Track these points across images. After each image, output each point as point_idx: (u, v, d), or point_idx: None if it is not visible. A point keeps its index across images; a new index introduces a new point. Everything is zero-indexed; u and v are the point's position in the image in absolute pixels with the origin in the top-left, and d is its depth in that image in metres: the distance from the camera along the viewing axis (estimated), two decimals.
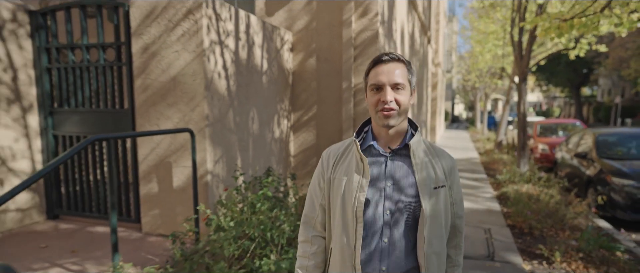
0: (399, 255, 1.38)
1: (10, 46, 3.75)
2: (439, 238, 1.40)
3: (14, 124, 3.83)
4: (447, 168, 1.45)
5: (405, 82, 1.37)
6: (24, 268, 2.96)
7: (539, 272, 4.20)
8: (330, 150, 1.54)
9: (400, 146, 1.42)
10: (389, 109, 1.34)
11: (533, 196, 6.64)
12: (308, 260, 1.53)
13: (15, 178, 3.85)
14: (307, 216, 1.56)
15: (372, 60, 1.42)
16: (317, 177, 1.54)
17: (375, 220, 1.39)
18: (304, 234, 1.55)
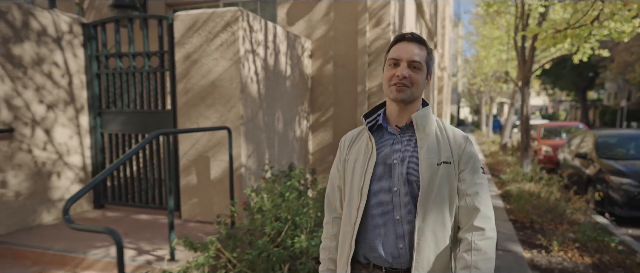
0: (414, 232, 1.38)
1: (66, 54, 4.25)
2: (436, 215, 1.37)
3: (69, 123, 4.32)
4: (456, 145, 1.42)
5: (423, 63, 1.39)
6: (88, 246, 3.44)
7: (538, 259, 4.62)
8: (347, 135, 1.61)
9: (408, 123, 1.45)
10: (402, 84, 1.36)
11: (534, 193, 7.06)
12: (330, 241, 1.60)
13: (69, 170, 4.34)
14: (328, 199, 1.63)
15: (395, 37, 1.45)
16: (336, 160, 1.62)
17: (383, 197, 1.41)
18: (327, 216, 1.63)
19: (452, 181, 1.39)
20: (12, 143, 3.78)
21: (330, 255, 1.59)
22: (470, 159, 1.42)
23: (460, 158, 1.41)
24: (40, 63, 3.99)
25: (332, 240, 1.58)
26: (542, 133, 13.81)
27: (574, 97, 39.43)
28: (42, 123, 4.05)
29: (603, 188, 6.93)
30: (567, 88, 36.56)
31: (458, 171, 1.40)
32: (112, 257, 3.22)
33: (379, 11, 5.21)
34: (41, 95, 4.02)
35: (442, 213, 1.37)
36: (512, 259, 4.55)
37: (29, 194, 3.95)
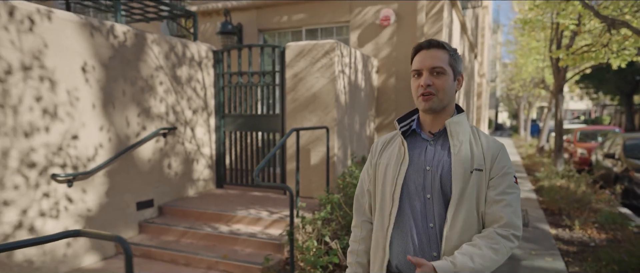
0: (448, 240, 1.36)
1: (203, 73, 5.84)
2: (465, 223, 1.35)
3: (204, 124, 5.91)
4: (490, 153, 1.40)
5: (446, 66, 1.37)
6: (232, 208, 4.96)
7: (562, 234, 5.80)
8: (380, 139, 1.61)
9: (441, 130, 1.43)
10: (428, 93, 1.36)
11: (564, 187, 8.14)
12: (358, 244, 1.59)
13: (203, 158, 5.92)
14: (358, 202, 1.62)
15: (415, 47, 1.44)
16: (367, 164, 1.61)
17: (418, 203, 1.39)
18: (355, 220, 1.63)
19: (481, 189, 1.37)
20: (174, 138, 5.38)
21: (358, 259, 1.58)
22: (503, 168, 1.39)
23: (492, 165, 1.39)
24: (190, 80, 5.59)
25: (359, 244, 1.58)
26: (578, 136, 14.59)
27: (619, 101, 38.83)
28: (189, 123, 5.64)
29: (628, 184, 7.92)
30: (611, 92, 36.10)
31: (488, 178, 1.38)
32: (254, 215, 4.72)
33: (433, 36, 6.55)
34: (189, 103, 5.61)
35: (469, 221, 1.35)
36: (540, 234, 5.75)
37: (181, 174, 5.55)
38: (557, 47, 9.48)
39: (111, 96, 4.48)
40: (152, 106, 5.00)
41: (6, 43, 3.51)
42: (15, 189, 3.63)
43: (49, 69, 3.85)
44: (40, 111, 3.80)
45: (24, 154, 3.68)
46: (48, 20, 3.83)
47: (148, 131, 4.96)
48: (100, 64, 4.34)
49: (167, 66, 5.19)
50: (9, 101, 3.55)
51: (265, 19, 7.72)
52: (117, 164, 4.59)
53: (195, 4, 8.22)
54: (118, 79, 4.55)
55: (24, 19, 3.63)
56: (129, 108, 4.70)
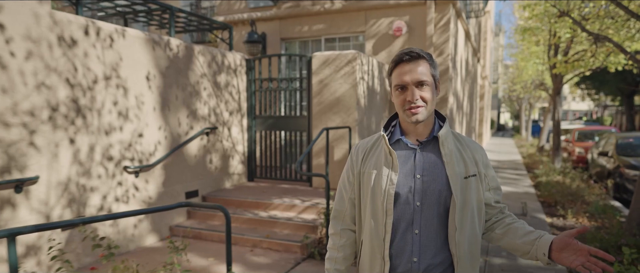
0: (431, 246, 1.40)
1: (238, 79, 6.60)
2: (471, 226, 1.41)
3: (238, 124, 6.66)
4: (478, 158, 1.47)
5: (429, 78, 1.38)
6: (268, 197, 5.70)
7: (556, 222, 6.52)
8: (359, 145, 1.57)
9: (429, 138, 1.45)
10: (416, 107, 1.36)
11: (560, 182, 8.87)
12: (337, 252, 1.58)
13: (237, 155, 6.67)
14: (337, 211, 1.60)
15: (393, 59, 1.43)
16: (347, 172, 1.58)
17: (405, 211, 1.41)
18: (334, 227, 1.60)
19: (480, 193, 1.44)
20: (214, 136, 6.14)
21: (336, 266, 1.58)
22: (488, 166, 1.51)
23: (486, 169, 1.49)
24: (227, 86, 6.35)
25: (338, 251, 1.58)
26: (576, 136, 15.30)
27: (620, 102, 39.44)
28: (226, 124, 6.39)
29: (619, 179, 8.64)
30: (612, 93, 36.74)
31: (485, 182, 1.48)
32: (288, 202, 5.47)
33: (441, 45, 7.29)
34: (226, 106, 6.37)
35: (474, 223, 1.42)
36: (537, 222, 6.48)
37: (220, 168, 6.30)
38: (554, 53, 10.21)
39: (167, 100, 5.24)
40: (198, 108, 5.76)
41: (94, 58, 4.27)
42: (98, 178, 4.39)
43: (123, 78, 4.61)
44: (116, 114, 4.56)
45: (104, 149, 4.44)
46: (123, 38, 4.59)
47: (195, 131, 5.71)
48: (159, 73, 5.10)
49: (209, 73, 5.95)
50: (95, 105, 4.31)
51: (287, 28, 8.48)
52: (171, 159, 5.35)
53: (222, 14, 8.98)
54: (172, 86, 5.31)
55: (106, 38, 4.39)
56: (180, 110, 5.46)
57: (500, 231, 1.50)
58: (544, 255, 1.32)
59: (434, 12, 7.33)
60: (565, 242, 1.28)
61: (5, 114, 3.52)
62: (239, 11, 8.86)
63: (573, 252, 1.27)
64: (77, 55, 4.10)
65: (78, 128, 4.15)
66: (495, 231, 1.51)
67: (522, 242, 1.41)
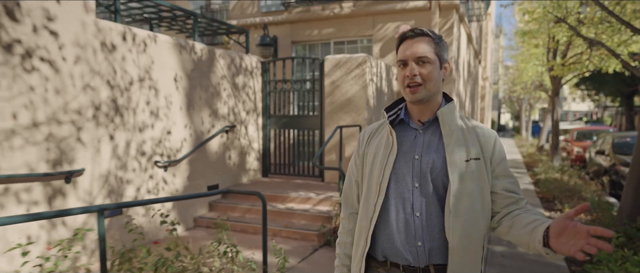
0: (434, 230, 1.35)
1: (253, 81, 7.01)
2: (468, 212, 1.33)
3: (253, 123, 7.07)
4: (483, 139, 1.40)
5: (432, 55, 1.35)
6: (284, 190, 6.11)
7: (553, 216, 6.92)
8: (367, 128, 1.57)
9: (432, 119, 1.41)
10: (414, 83, 1.33)
11: (558, 179, 9.27)
12: (346, 236, 1.58)
13: (253, 151, 7.08)
14: (346, 194, 1.60)
15: (399, 36, 1.41)
16: (354, 154, 1.58)
17: (404, 193, 1.37)
18: (343, 211, 1.61)
19: (483, 178, 1.36)
20: (233, 134, 6.55)
21: (345, 251, 1.57)
22: (503, 159, 1.41)
23: (492, 155, 1.40)
24: (244, 87, 6.76)
25: (347, 236, 1.58)
26: (575, 136, 15.71)
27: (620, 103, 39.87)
28: (244, 122, 6.80)
29: (615, 176, 9.04)
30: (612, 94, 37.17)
31: (491, 169, 1.39)
32: (303, 196, 5.88)
33: None
34: (244, 106, 6.78)
35: (473, 210, 1.33)
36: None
37: (237, 164, 6.71)
38: (553, 56, 10.62)
39: (192, 100, 5.65)
40: (218, 108, 6.17)
41: (130, 61, 4.68)
42: (133, 171, 4.80)
43: (154, 80, 5.02)
44: (149, 113, 4.97)
45: (138, 145, 4.85)
46: (154, 43, 5.00)
47: (216, 129, 6.12)
48: (185, 75, 5.52)
49: (228, 75, 6.36)
50: (130, 105, 4.72)
51: (297, 32, 8.89)
52: (195, 155, 5.75)
53: (235, 18, 9.40)
54: (196, 87, 5.72)
55: (140, 43, 4.81)
56: (203, 110, 5.87)
57: (507, 225, 1.37)
58: (539, 243, 1.18)
59: (439, 17, 7.74)
60: (563, 225, 1.13)
61: (58, 113, 3.93)
62: (251, 15, 9.27)
63: (572, 235, 1.11)
64: (116, 59, 4.51)
65: (116, 126, 4.56)
66: (503, 225, 1.38)
67: (523, 233, 1.28)
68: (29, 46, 3.69)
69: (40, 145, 3.81)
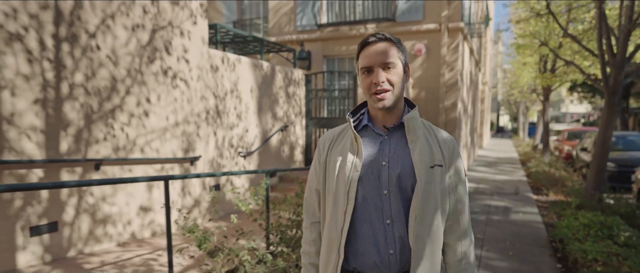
0: (405, 237, 1.33)
1: (299, 90, 8.74)
2: (432, 218, 1.33)
3: (299, 123, 8.80)
4: (446, 148, 1.41)
5: (396, 60, 1.34)
6: None
7: (540, 198, 8.64)
8: (327, 134, 1.53)
9: (397, 125, 1.39)
10: (382, 90, 1.31)
11: (547, 171, 11.00)
12: (309, 246, 1.54)
13: (298, 147, 8.80)
14: (306, 203, 1.56)
15: (360, 42, 1.38)
16: (314, 162, 1.53)
17: (374, 200, 1.35)
18: (306, 220, 1.57)
19: (444, 185, 1.38)
20: (286, 132, 8.27)
21: (310, 260, 1.54)
22: (459, 163, 1.43)
23: (451, 161, 1.41)
24: (293, 94, 8.49)
25: (311, 245, 1.54)
26: (566, 136, 17.46)
27: None
28: (293, 123, 8.53)
29: None
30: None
31: (448, 175, 1.40)
32: None
33: (452, 62, 9.45)
34: (293, 110, 8.51)
35: (436, 217, 1.35)
36: (526, 198, 8.62)
37: (288, 156, 8.44)
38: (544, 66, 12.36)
39: (260, 106, 7.37)
40: (277, 111, 7.90)
41: (226, 78, 6.41)
42: (225, 158, 6.52)
43: (239, 91, 6.75)
44: (235, 116, 6.70)
45: (229, 140, 6.57)
46: (239, 63, 6.73)
47: (275, 128, 7.85)
48: (257, 87, 7.24)
49: (283, 86, 8.10)
50: (225, 110, 6.44)
51: (328, 48, 10.63)
52: (262, 148, 7.48)
53: (274, 35, 11.14)
54: (263, 96, 7.45)
55: (232, 64, 6.53)
56: (267, 113, 7.60)
57: None
58: None
59: (447, 38, 9.48)
60: None
61: (188, 116, 5.66)
62: (288, 33, 11.01)
63: None
64: (218, 76, 6.24)
65: (218, 125, 6.28)
66: None
67: None
68: (175, 70, 5.42)
69: (178, 138, 5.54)
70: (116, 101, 4.64)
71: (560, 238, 5.18)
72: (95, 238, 4.49)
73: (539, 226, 6.24)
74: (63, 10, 4.07)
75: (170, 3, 5.29)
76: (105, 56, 4.50)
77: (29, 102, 3.82)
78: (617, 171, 10.19)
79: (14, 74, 3.69)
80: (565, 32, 6.51)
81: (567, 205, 6.57)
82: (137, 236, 4.99)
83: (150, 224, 5.17)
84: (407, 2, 9.79)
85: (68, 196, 4.20)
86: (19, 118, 3.75)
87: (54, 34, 4.00)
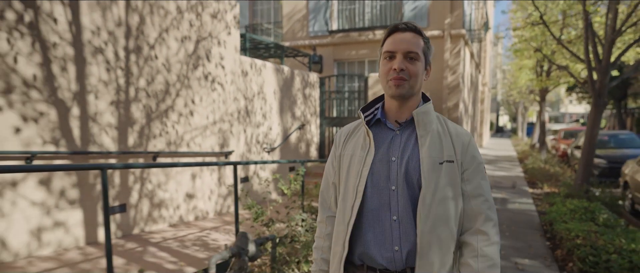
0: (411, 233, 1.31)
1: (314, 91, 9.52)
2: (439, 217, 1.29)
3: (314, 122, 9.58)
4: (459, 143, 1.36)
5: (420, 53, 1.31)
6: None
7: (535, 191, 9.42)
8: (343, 129, 1.53)
9: (409, 119, 1.37)
10: (399, 78, 1.29)
11: (542, 167, 11.79)
12: (323, 240, 1.53)
13: (312, 144, 9.58)
14: (323, 196, 1.56)
15: (389, 28, 1.35)
16: (331, 156, 1.53)
17: (382, 196, 1.33)
18: (320, 214, 1.56)
19: (456, 181, 1.33)
20: (303, 131, 9.06)
21: (323, 255, 1.53)
22: (475, 159, 1.37)
23: (464, 156, 1.36)
24: (309, 96, 9.27)
25: (325, 240, 1.53)
26: (562, 135, 18.25)
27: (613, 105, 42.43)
28: (309, 122, 9.31)
29: None
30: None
31: (461, 170, 1.35)
32: None
33: (454, 66, 10.24)
34: (309, 110, 9.29)
35: (445, 214, 1.30)
36: (522, 191, 9.40)
37: (305, 152, 9.22)
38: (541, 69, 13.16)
39: (282, 106, 8.15)
40: (295, 111, 8.68)
41: (253, 81, 7.19)
42: (252, 154, 7.30)
43: (264, 93, 7.53)
44: (261, 115, 7.48)
45: (256, 137, 7.36)
46: (265, 68, 7.51)
47: (294, 127, 8.63)
48: (279, 89, 8.02)
49: (301, 88, 8.88)
50: (253, 110, 7.22)
51: (339, 52, 11.41)
52: (283, 145, 8.26)
53: (288, 40, 11.93)
54: (284, 97, 8.23)
55: (258, 69, 7.32)
56: (287, 113, 8.38)
57: None
58: None
59: (449, 43, 10.27)
60: None
61: (223, 115, 6.44)
62: (301, 38, 11.80)
63: None
64: (247, 80, 7.02)
65: (247, 124, 7.07)
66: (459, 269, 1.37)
67: None
68: (213, 75, 6.20)
69: (216, 135, 6.32)
70: (169, 102, 5.42)
71: (550, 221, 5.96)
72: (153, 219, 5.28)
73: (533, 213, 7.02)
74: (131, 26, 4.85)
75: (210, 16, 6.07)
76: (161, 63, 5.28)
77: (106, 103, 4.60)
78: (609, 167, 10.97)
79: (97, 81, 4.48)
80: (557, 40, 7.29)
81: (558, 195, 7.35)
82: (184, 220, 5.77)
83: (193, 209, 5.95)
84: (413, 10, 10.58)
85: (133, 183, 4.99)
86: (100, 117, 4.53)
87: (124, 47, 4.78)
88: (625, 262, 4.15)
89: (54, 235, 4.14)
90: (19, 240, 3.86)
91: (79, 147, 4.33)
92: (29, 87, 3.87)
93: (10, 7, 3.69)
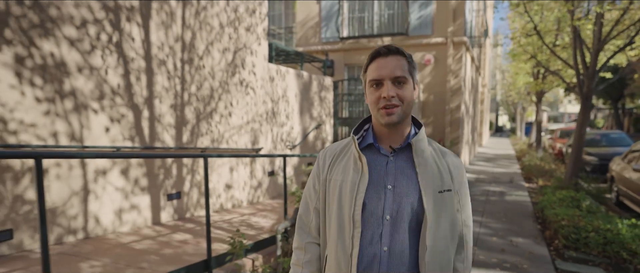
0: (400, 264, 1.26)
1: (328, 94, 10.40)
2: (443, 246, 1.28)
3: (329, 122, 10.46)
4: (454, 170, 1.34)
5: (407, 76, 1.25)
6: None
7: (530, 185, 10.29)
8: (327, 150, 1.44)
9: (403, 145, 1.30)
10: (392, 105, 1.23)
11: (538, 164, 12.67)
12: (301, 268, 1.43)
13: (328, 141, 10.45)
14: (302, 220, 1.46)
15: (370, 54, 1.30)
16: (313, 178, 1.44)
17: (374, 225, 1.27)
18: (298, 240, 1.46)
19: (454, 210, 1.32)
20: (319, 130, 9.93)
21: None
22: (465, 185, 1.38)
23: (460, 185, 1.35)
24: (324, 98, 10.15)
25: (303, 267, 1.42)
26: (558, 134, 19.14)
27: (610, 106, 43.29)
28: (324, 122, 10.19)
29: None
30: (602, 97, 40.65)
31: (457, 199, 1.34)
32: None
33: (456, 71, 11.11)
34: (324, 110, 10.16)
35: (446, 243, 1.29)
36: (519, 185, 10.29)
37: (320, 148, 10.08)
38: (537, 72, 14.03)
39: (302, 108, 9.03)
40: (313, 112, 9.56)
41: (278, 86, 8.06)
42: (277, 150, 8.18)
43: (287, 96, 8.41)
44: (285, 116, 8.35)
45: (280, 135, 8.23)
46: (288, 73, 8.38)
47: (311, 126, 9.51)
48: (299, 92, 8.90)
49: (317, 91, 9.76)
50: (278, 111, 8.10)
51: (349, 57, 12.29)
52: (303, 143, 9.13)
53: (301, 46, 12.81)
54: (303, 100, 9.11)
55: (282, 75, 8.19)
56: (306, 114, 9.25)
57: None
58: None
59: (452, 50, 11.14)
60: None
61: (255, 116, 7.32)
62: (314, 44, 12.67)
63: None
64: (273, 85, 7.90)
65: (273, 124, 7.94)
66: None
67: None
68: (247, 81, 7.08)
69: (249, 133, 7.20)
70: (213, 105, 6.30)
71: (541, 208, 6.85)
72: (200, 206, 6.15)
73: (527, 204, 7.90)
74: (186, 41, 5.73)
75: (245, 30, 6.95)
76: (207, 72, 6.16)
77: (167, 107, 5.48)
78: (600, 164, 11.85)
79: (160, 88, 5.36)
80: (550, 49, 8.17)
81: (549, 188, 8.24)
82: (224, 207, 6.65)
83: (231, 198, 6.82)
84: (418, 19, 11.47)
85: (186, 174, 5.86)
86: (162, 118, 5.41)
87: (181, 58, 5.66)
88: (601, 238, 5.04)
89: (130, 215, 5.02)
90: (107, 218, 4.75)
91: (148, 143, 5.21)
92: (115, 94, 4.75)
93: (103, 31, 4.57)
